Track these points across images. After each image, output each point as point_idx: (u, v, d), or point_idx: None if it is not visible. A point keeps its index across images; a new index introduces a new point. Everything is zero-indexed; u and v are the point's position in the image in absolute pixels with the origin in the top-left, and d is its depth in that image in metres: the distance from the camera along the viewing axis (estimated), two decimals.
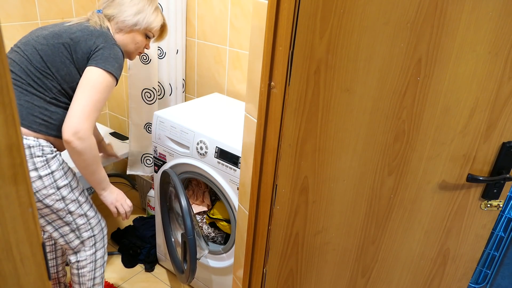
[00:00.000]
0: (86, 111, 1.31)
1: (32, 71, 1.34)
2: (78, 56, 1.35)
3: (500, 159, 1.12)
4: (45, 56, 1.34)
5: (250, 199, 1.13)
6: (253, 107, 1.05)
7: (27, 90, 1.34)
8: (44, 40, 1.36)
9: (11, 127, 0.46)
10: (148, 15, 1.50)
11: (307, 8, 0.85)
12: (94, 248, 1.57)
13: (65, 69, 1.35)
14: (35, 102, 1.34)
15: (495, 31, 0.96)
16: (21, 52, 1.36)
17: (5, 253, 0.51)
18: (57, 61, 1.35)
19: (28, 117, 1.33)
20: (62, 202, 1.42)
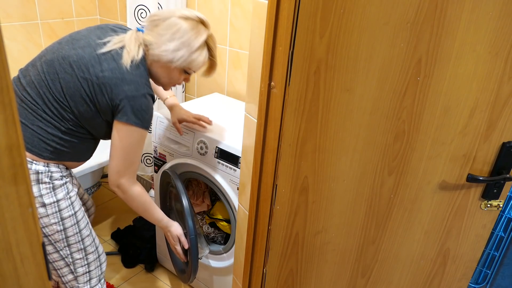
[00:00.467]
0: (121, 169, 1.32)
1: (50, 99, 1.24)
2: (101, 99, 1.24)
3: (500, 159, 1.12)
4: (66, 88, 1.23)
5: (250, 199, 1.13)
6: (253, 107, 1.05)
7: (41, 116, 1.25)
8: (70, 68, 1.23)
9: (11, 127, 0.46)
10: (188, 53, 1.28)
11: (307, 8, 0.85)
12: (88, 284, 1.47)
13: (85, 106, 1.25)
14: (49, 130, 1.26)
15: (495, 31, 0.96)
16: (43, 74, 1.25)
17: (5, 253, 0.51)
18: (77, 96, 1.24)
19: (40, 144, 1.25)
20: (63, 233, 1.35)
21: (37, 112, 1.25)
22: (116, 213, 2.62)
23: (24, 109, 1.25)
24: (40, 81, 1.25)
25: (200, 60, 1.33)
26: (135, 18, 1.94)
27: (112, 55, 1.24)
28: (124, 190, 1.36)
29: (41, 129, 1.25)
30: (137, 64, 1.25)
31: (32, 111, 1.25)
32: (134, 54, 1.25)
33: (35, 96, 1.25)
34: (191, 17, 1.28)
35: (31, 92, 1.25)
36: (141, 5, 1.92)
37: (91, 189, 2.25)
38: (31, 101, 1.25)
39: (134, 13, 1.93)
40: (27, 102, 1.25)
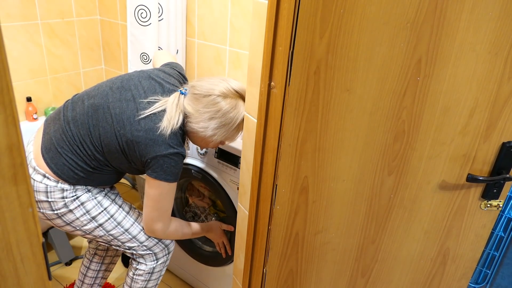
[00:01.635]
0: (154, 217, 1.39)
1: (87, 142, 1.32)
2: (133, 154, 1.30)
3: (500, 159, 1.12)
4: (103, 136, 1.31)
5: (250, 199, 1.13)
6: (253, 107, 1.05)
7: (76, 151, 1.33)
8: (110, 119, 1.30)
9: (11, 127, 0.46)
10: (228, 131, 1.34)
11: (307, 8, 0.85)
12: (155, 262, 1.54)
13: (117, 155, 1.33)
14: (79, 163, 1.33)
15: (495, 31, 0.96)
16: (87, 117, 1.33)
17: (5, 253, 0.51)
18: (111, 146, 1.31)
19: (69, 172, 1.34)
20: (101, 228, 1.43)
21: (73, 146, 1.33)
22: None
23: (63, 140, 1.34)
24: (83, 123, 1.33)
25: (238, 135, 1.39)
26: (135, 18, 1.94)
27: (151, 116, 1.29)
28: (160, 235, 1.45)
29: (72, 161, 1.33)
30: (172, 134, 1.29)
31: (69, 144, 1.33)
32: (174, 123, 1.29)
33: (76, 133, 1.33)
34: (230, 95, 1.31)
35: (73, 129, 1.33)
36: (141, 5, 1.92)
37: None
38: (71, 136, 1.33)
39: (134, 13, 1.93)
40: (67, 135, 1.34)
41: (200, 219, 1.96)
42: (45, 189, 1.34)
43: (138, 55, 2.01)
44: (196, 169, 1.70)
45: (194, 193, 1.93)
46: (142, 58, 2.02)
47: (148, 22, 1.94)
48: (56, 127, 1.36)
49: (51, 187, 1.35)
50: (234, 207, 1.62)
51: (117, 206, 1.46)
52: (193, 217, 1.97)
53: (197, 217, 1.96)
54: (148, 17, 1.93)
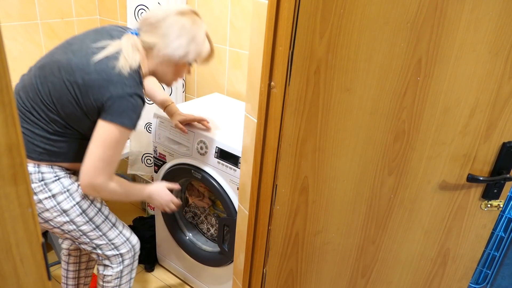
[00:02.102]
0: (99, 167, 1.25)
1: (37, 102, 1.26)
2: (87, 101, 1.23)
3: (500, 159, 1.12)
4: (53, 91, 1.24)
5: (250, 199, 1.13)
6: (253, 107, 1.05)
7: (29, 118, 1.26)
8: (58, 72, 1.24)
9: (11, 127, 0.46)
10: (197, 46, 1.32)
11: (307, 8, 0.85)
12: (121, 265, 1.50)
13: (71, 108, 1.25)
14: (36, 131, 1.27)
15: (495, 31, 0.96)
16: (34, 78, 1.28)
17: (5, 253, 0.51)
18: (63, 99, 1.24)
19: (28, 145, 1.26)
20: (72, 224, 1.37)
21: (26, 114, 1.26)
22: (116, 213, 2.62)
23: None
24: (30, 85, 1.27)
25: (207, 50, 1.37)
26: (135, 18, 1.94)
27: (104, 59, 1.22)
28: (99, 190, 1.29)
29: (28, 131, 1.26)
30: (129, 74, 1.23)
31: (21, 113, 1.27)
32: (132, 62, 1.24)
33: (25, 100, 1.26)
34: (187, 12, 1.31)
35: (22, 96, 1.27)
36: (141, 4, 1.92)
37: None
38: (21, 104, 1.27)
39: (134, 13, 1.93)
40: (18, 105, 1.26)
41: (200, 219, 1.96)
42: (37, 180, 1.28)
43: None
44: (196, 169, 1.70)
45: (194, 193, 1.93)
46: None
47: None
48: None
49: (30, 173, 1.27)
50: (234, 207, 1.62)
51: (89, 202, 1.40)
52: (193, 217, 1.97)
53: (197, 217, 1.96)
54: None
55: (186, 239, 1.94)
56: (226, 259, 1.77)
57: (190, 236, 1.95)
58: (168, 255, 2.11)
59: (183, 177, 1.81)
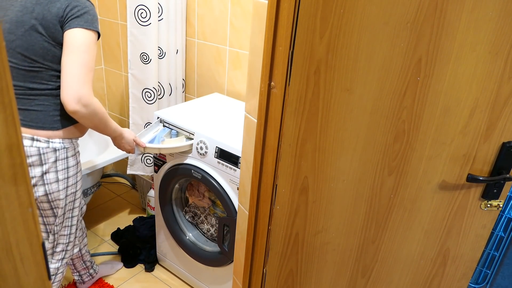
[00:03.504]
0: (81, 76, 1.25)
1: (24, 74, 1.29)
2: (52, 32, 1.26)
3: (500, 159, 1.12)
4: (25, 51, 1.27)
5: (250, 199, 1.13)
6: (253, 107, 1.05)
7: (32, 95, 1.32)
8: (12, 35, 1.27)
9: (11, 127, 0.46)
10: None
11: (307, 8, 0.85)
12: (60, 262, 1.63)
13: (49, 53, 1.28)
14: (45, 102, 1.34)
15: (495, 31, 0.96)
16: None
17: (5, 253, 0.51)
18: (37, 49, 1.27)
19: (47, 119, 1.34)
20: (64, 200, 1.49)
21: (26, 93, 1.31)
22: (116, 213, 2.62)
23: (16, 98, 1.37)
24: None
25: None
26: (135, 17, 1.94)
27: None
28: (86, 103, 1.28)
29: (39, 106, 1.34)
30: None
31: (23, 95, 1.32)
32: None
33: (14, 81, 1.30)
34: None
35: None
36: (141, 4, 1.92)
37: (91, 189, 2.25)
38: (15, 88, 1.31)
39: (134, 13, 1.93)
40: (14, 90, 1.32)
41: (200, 219, 1.96)
42: (38, 152, 1.35)
43: (138, 55, 2.01)
44: (196, 169, 1.70)
45: (194, 193, 1.93)
46: (142, 58, 2.02)
47: (148, 22, 1.94)
48: None
49: (43, 148, 1.34)
50: (234, 207, 1.62)
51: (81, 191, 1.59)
52: (193, 217, 1.97)
53: (197, 217, 1.96)
54: (148, 17, 1.93)
55: (186, 239, 1.94)
56: (226, 259, 1.77)
57: (190, 236, 1.95)
58: (168, 255, 2.11)
59: (183, 177, 1.81)
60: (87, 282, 1.98)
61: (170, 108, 1.88)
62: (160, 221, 2.02)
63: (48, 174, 1.40)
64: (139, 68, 2.04)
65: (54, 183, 1.42)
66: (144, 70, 2.04)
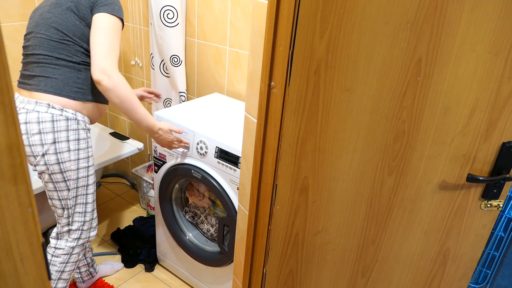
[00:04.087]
0: (105, 51, 1.45)
1: (54, 45, 1.48)
2: (83, 13, 1.49)
3: (500, 159, 1.12)
4: (58, 26, 1.48)
5: (250, 199, 1.13)
6: (253, 107, 1.05)
7: (57, 64, 1.49)
8: (50, 14, 1.49)
9: (11, 127, 0.46)
10: None
11: (307, 8, 0.85)
12: (76, 242, 1.64)
13: (79, 30, 1.49)
14: (67, 74, 1.50)
15: (495, 31, 0.96)
16: (38, 34, 1.50)
17: (5, 253, 0.51)
18: (69, 26, 1.48)
19: (65, 87, 1.50)
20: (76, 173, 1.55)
21: (53, 62, 1.49)
22: (116, 213, 2.62)
23: (42, 66, 1.49)
24: (40, 40, 1.49)
25: None
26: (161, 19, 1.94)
27: None
28: (110, 74, 1.44)
29: (61, 75, 1.49)
30: None
31: (49, 64, 1.49)
32: None
33: (44, 51, 1.49)
34: None
35: (40, 51, 1.49)
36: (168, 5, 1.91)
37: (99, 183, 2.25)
38: (44, 58, 1.49)
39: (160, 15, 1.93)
40: (41, 59, 1.49)
41: (200, 219, 1.96)
42: (51, 118, 1.47)
43: (168, 58, 2.01)
44: (196, 169, 1.70)
45: (194, 193, 1.93)
46: (173, 61, 2.02)
47: (176, 23, 1.94)
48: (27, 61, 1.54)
49: (56, 115, 1.47)
50: (234, 207, 1.62)
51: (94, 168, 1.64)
52: (193, 217, 1.97)
53: (197, 217, 1.96)
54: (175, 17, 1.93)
55: (186, 239, 1.94)
56: (226, 259, 1.77)
57: (190, 236, 1.95)
58: (168, 255, 2.11)
59: (183, 177, 1.81)
60: (87, 282, 1.98)
61: (170, 108, 1.88)
62: (160, 221, 2.02)
63: (60, 143, 1.48)
64: (170, 72, 2.05)
65: (66, 152, 1.50)
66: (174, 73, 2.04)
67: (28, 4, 2.19)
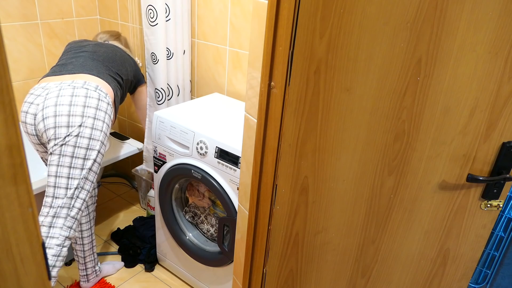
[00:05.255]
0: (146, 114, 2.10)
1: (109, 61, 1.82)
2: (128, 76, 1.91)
3: (500, 159, 1.12)
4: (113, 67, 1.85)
5: (250, 199, 1.13)
6: (253, 107, 1.05)
7: (106, 72, 1.76)
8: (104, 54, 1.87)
9: (11, 127, 0.46)
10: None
11: (307, 8, 0.85)
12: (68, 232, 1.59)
13: (126, 77, 1.89)
14: (111, 79, 1.77)
15: (495, 31, 0.96)
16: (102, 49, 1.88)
17: (5, 253, 0.51)
18: (126, 71, 1.90)
19: (106, 78, 1.73)
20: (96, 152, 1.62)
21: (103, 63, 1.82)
22: (116, 213, 2.62)
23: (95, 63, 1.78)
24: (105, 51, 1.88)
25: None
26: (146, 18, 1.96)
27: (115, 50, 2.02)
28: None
29: (105, 77, 1.75)
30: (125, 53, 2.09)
31: (104, 70, 1.78)
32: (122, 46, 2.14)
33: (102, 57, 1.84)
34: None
35: (98, 57, 1.81)
36: (150, 5, 1.92)
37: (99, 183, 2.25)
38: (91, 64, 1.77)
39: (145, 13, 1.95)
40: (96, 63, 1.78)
41: (200, 219, 1.96)
42: (98, 97, 1.63)
43: (149, 54, 2.05)
44: (196, 169, 1.70)
45: (194, 193, 1.93)
46: (152, 58, 2.04)
47: (155, 22, 1.95)
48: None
49: (102, 96, 1.64)
50: (234, 207, 1.62)
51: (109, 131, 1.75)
52: (193, 217, 1.97)
53: (197, 217, 1.96)
54: (155, 17, 1.94)
55: (186, 239, 1.94)
56: (226, 259, 1.77)
57: (190, 236, 1.95)
58: (168, 255, 2.11)
59: (183, 177, 1.81)
60: (92, 281, 1.98)
61: (170, 108, 1.88)
62: (160, 221, 2.02)
63: (97, 120, 1.60)
64: (151, 68, 2.08)
65: (99, 131, 1.60)
66: (154, 70, 2.07)
67: (28, 4, 2.19)
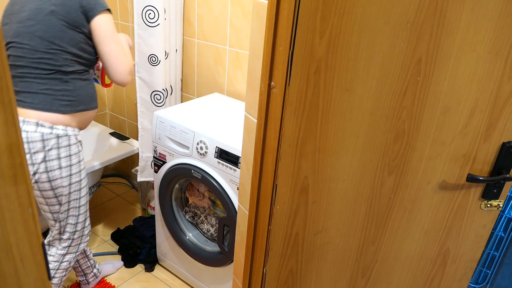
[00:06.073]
0: (122, 53, 1.45)
1: (40, 56, 1.37)
2: (73, 17, 1.38)
3: (500, 159, 1.12)
4: (43, 34, 1.36)
5: (250, 199, 1.13)
6: (253, 107, 1.05)
7: (44, 77, 1.39)
8: (32, 21, 1.37)
9: (11, 127, 0.46)
10: None
11: (307, 8, 0.85)
12: (66, 250, 1.64)
13: (67, 35, 1.38)
14: (55, 87, 1.40)
15: (495, 31, 0.96)
16: (19, 44, 1.38)
17: (5, 253, 0.51)
18: (56, 32, 1.37)
19: (54, 102, 1.40)
20: (68, 188, 1.52)
21: (38, 77, 1.38)
22: (116, 213, 2.62)
23: (26, 81, 1.38)
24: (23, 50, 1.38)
25: None
26: (143, 19, 1.94)
27: None
28: (133, 71, 1.52)
29: (48, 90, 1.40)
30: None
31: (33, 79, 1.39)
32: None
33: (28, 64, 1.38)
34: None
35: (23, 63, 1.38)
36: (150, 5, 1.91)
37: (91, 189, 2.25)
38: (27, 71, 1.39)
39: (141, 14, 1.93)
40: (25, 74, 1.39)
41: (200, 219, 1.96)
42: (41, 138, 1.39)
43: (146, 58, 2.00)
44: (196, 169, 1.70)
45: (194, 193, 1.93)
46: (151, 60, 2.01)
47: (157, 23, 1.93)
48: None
49: (46, 134, 1.39)
50: (234, 207, 1.62)
51: (87, 180, 1.62)
52: (193, 217, 1.97)
53: (197, 217, 1.96)
54: (157, 18, 1.92)
55: (186, 239, 1.94)
56: (226, 259, 1.77)
57: (190, 236, 1.95)
58: (168, 255, 2.11)
59: (183, 177, 1.81)
60: (92, 283, 1.98)
61: (170, 108, 1.88)
62: (160, 221, 2.02)
63: (50, 161, 1.43)
64: (148, 71, 2.02)
65: (57, 170, 1.45)
66: (153, 72, 2.02)
67: None
